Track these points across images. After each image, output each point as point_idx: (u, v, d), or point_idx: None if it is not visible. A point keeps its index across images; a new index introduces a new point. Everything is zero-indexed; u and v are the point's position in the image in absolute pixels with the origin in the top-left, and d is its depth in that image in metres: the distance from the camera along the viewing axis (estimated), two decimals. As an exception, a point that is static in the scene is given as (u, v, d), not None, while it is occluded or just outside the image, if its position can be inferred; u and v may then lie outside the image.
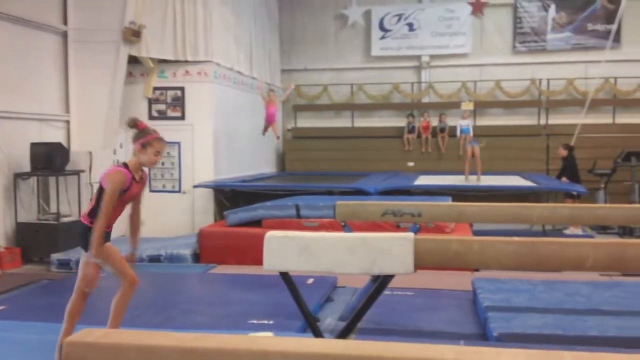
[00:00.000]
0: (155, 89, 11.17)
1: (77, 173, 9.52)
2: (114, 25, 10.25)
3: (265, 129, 11.45)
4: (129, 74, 10.87)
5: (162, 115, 11.20)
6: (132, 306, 5.45)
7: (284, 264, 3.92)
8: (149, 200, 11.18)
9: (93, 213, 4.08)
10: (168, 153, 11.21)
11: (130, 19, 10.22)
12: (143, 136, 4.07)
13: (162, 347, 1.85)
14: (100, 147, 10.13)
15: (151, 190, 11.26)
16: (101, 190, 4.04)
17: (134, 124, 4.10)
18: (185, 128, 11.15)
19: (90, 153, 9.81)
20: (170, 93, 11.19)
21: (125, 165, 4.13)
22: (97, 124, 10.19)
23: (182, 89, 11.16)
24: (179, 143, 11.14)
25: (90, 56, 10.19)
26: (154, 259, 8.54)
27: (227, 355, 1.78)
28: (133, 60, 10.71)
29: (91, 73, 10.21)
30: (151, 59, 10.82)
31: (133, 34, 10.22)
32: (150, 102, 11.22)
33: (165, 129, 11.20)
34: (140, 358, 1.85)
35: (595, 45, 15.08)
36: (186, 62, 11.04)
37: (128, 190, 4.06)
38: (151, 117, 11.20)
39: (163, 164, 11.21)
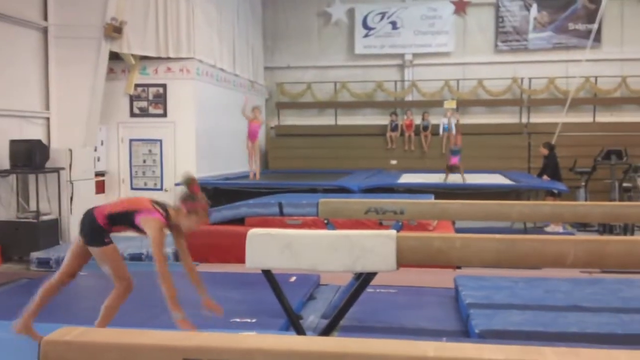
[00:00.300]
0: (137, 85, 11.09)
1: (57, 170, 9.42)
2: (95, 21, 10.14)
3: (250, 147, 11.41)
4: (110, 71, 10.78)
5: (144, 113, 11.13)
6: (113, 304, 5.42)
7: (266, 261, 3.91)
8: (130, 198, 11.15)
9: (115, 220, 3.97)
10: (149, 150, 11.15)
11: (111, 15, 10.12)
12: (192, 202, 3.92)
13: (142, 345, 1.83)
14: (80, 145, 10.03)
15: (132, 188, 11.20)
16: (130, 215, 3.93)
17: (189, 183, 3.93)
18: (167, 125, 11.08)
19: (71, 150, 9.71)
20: (152, 90, 11.11)
21: (166, 211, 3.96)
22: (77, 121, 10.09)
23: (164, 85, 11.09)
24: (160, 140, 11.08)
25: (71, 52, 10.07)
26: (135, 257, 8.46)
27: (208, 354, 1.77)
28: (114, 57, 10.61)
29: (72, 69, 10.09)
30: (133, 55, 10.73)
31: (114, 30, 10.12)
32: (132, 99, 11.13)
33: (146, 126, 11.30)
34: (119, 357, 1.83)
35: (576, 44, 15.22)
36: (168, 58, 10.97)
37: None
38: (133, 115, 11.14)
39: (144, 161, 11.15)
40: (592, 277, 6.54)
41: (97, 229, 3.95)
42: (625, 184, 11.73)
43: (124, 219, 3.93)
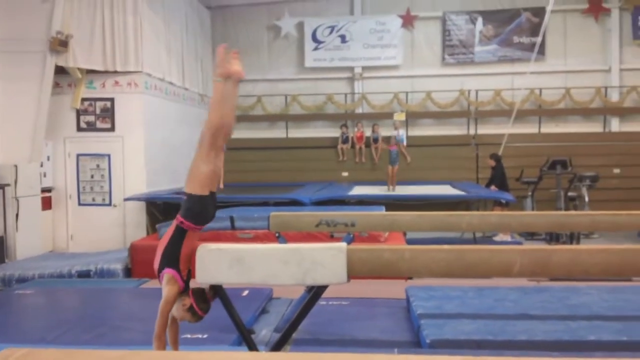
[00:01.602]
0: (84, 99, 10.87)
1: (2, 187, 9.17)
2: (40, 35, 9.94)
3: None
4: (56, 85, 10.56)
5: (91, 127, 10.91)
6: (59, 323, 5.27)
7: (216, 276, 3.86)
8: (78, 215, 10.91)
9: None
10: (97, 165, 10.93)
11: (57, 29, 9.93)
12: (199, 305, 3.67)
13: (83, 366, 1.78)
14: (26, 160, 9.78)
15: (80, 204, 10.95)
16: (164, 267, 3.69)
17: (200, 296, 3.68)
18: (116, 140, 10.90)
19: (16, 166, 9.45)
20: (100, 104, 10.91)
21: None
22: (23, 136, 9.83)
23: (111, 100, 10.90)
24: (109, 155, 10.89)
25: (16, 67, 9.83)
26: (84, 275, 8.28)
27: (152, 374, 1.73)
28: (60, 71, 10.40)
29: (17, 84, 9.84)
30: (79, 69, 10.53)
31: (60, 44, 9.93)
32: (79, 113, 10.91)
33: (94, 141, 11.11)
34: (60, 379, 1.77)
35: (521, 57, 15.63)
36: (116, 72, 10.80)
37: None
38: (80, 129, 10.91)
39: (92, 176, 10.93)
40: (539, 285, 6.67)
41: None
42: (570, 193, 12.06)
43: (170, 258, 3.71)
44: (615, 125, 15.76)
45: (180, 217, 3.68)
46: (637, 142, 15.15)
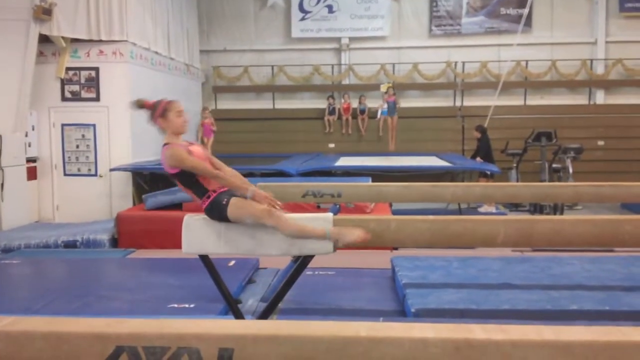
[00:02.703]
0: (68, 69, 10.73)
1: (-15, 157, 9.09)
2: (24, 3, 9.76)
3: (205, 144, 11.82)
4: (40, 54, 10.40)
5: (76, 97, 10.80)
6: (45, 293, 5.29)
7: (203, 247, 3.89)
8: (63, 185, 10.86)
9: (200, 193, 3.87)
10: (83, 135, 10.85)
11: (40, -4, 9.77)
12: (156, 109, 3.89)
13: (71, 333, 1.80)
14: (10, 130, 9.68)
15: (65, 174, 10.89)
16: (177, 175, 3.85)
17: (140, 104, 3.91)
18: (101, 110, 10.80)
19: (0, 136, 9.36)
20: (84, 73, 10.79)
21: (166, 143, 3.90)
22: (7, 106, 9.72)
23: (96, 69, 10.77)
24: (94, 125, 10.80)
25: (-2, 35, 9.70)
26: (70, 245, 8.28)
27: (139, 340, 1.75)
28: (44, 40, 10.24)
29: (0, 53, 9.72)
30: (63, 38, 10.38)
31: (44, 12, 9.76)
32: (63, 82, 10.78)
33: (79, 111, 11.01)
34: (49, 346, 1.79)
35: (508, 29, 15.60)
36: (100, 41, 10.64)
37: (191, 153, 3.85)
38: (64, 99, 10.80)
39: (78, 146, 10.85)
40: (523, 255, 6.77)
41: (214, 205, 3.87)
42: (554, 165, 12.15)
43: (192, 183, 3.88)
44: (600, 97, 15.84)
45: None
46: (621, 114, 15.26)
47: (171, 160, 3.78)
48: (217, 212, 3.79)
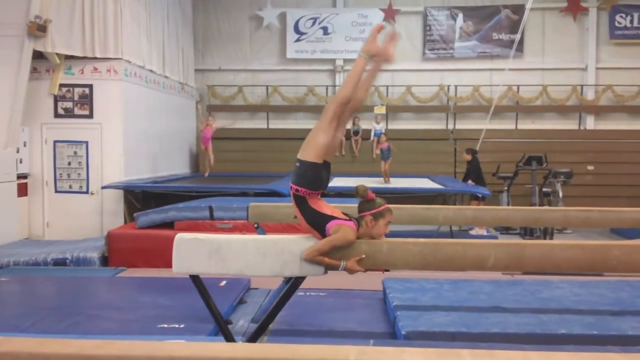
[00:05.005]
0: (62, 85, 10.75)
1: (-25, 173, 9.05)
2: (18, 19, 9.79)
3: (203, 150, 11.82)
4: (34, 70, 10.42)
5: (69, 114, 10.81)
6: (33, 311, 5.24)
7: (194, 266, 3.88)
8: (54, 202, 10.82)
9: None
10: (75, 152, 10.84)
11: (35, 13, 9.79)
12: (375, 207, 3.71)
13: (59, 355, 1.79)
14: (2, 146, 9.66)
15: (57, 191, 10.86)
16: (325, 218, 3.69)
17: (364, 194, 3.74)
18: (94, 127, 10.81)
19: (-9, 152, 9.36)
20: (78, 90, 10.81)
21: (357, 225, 3.71)
22: (-1, 121, 9.73)
23: (90, 86, 10.80)
24: (86, 142, 10.80)
25: (-8, 51, 9.71)
26: (60, 263, 8.23)
27: (130, 362, 1.75)
28: (38, 56, 10.27)
29: (-7, 68, 9.74)
30: (57, 54, 10.41)
31: (38, 29, 9.80)
32: (57, 99, 10.79)
33: (72, 128, 11.01)
34: (37, 367, 1.78)
35: (500, 54, 15.77)
36: (95, 58, 10.70)
37: None
38: (57, 115, 10.81)
39: (69, 163, 10.83)
40: (513, 278, 6.77)
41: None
42: (545, 189, 12.22)
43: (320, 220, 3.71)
44: (590, 123, 15.99)
45: (293, 185, 3.71)
46: (611, 140, 15.39)
47: (341, 236, 3.60)
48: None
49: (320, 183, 3.74)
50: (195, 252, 3.84)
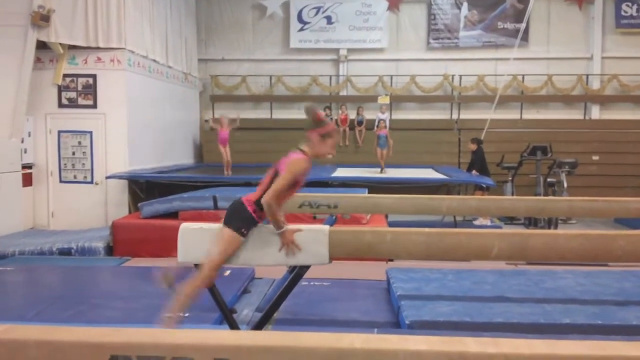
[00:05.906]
0: (66, 75, 10.75)
1: (-20, 163, 9.07)
2: (22, 8, 9.78)
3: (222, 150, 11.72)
4: (38, 60, 10.42)
5: (73, 104, 10.81)
6: (39, 300, 5.27)
7: (198, 256, 3.89)
8: (59, 192, 10.84)
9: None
10: (79, 142, 10.85)
11: (38, 3, 9.78)
12: (322, 126, 3.85)
13: (65, 342, 1.80)
14: (7, 136, 9.68)
15: (61, 181, 10.88)
16: (276, 175, 3.81)
17: (312, 111, 3.90)
18: (98, 117, 10.81)
19: (-5, 142, 9.37)
20: (81, 80, 10.80)
21: (304, 152, 3.87)
22: (3, 111, 9.72)
23: (93, 76, 10.79)
24: (90, 132, 10.80)
25: (-4, 40, 9.70)
26: (65, 252, 8.26)
27: (134, 350, 1.75)
28: (42, 46, 10.27)
29: (-4, 59, 9.75)
30: (61, 44, 10.40)
31: (42, 18, 9.79)
32: (60, 89, 10.79)
33: (76, 118, 11.01)
34: (44, 354, 1.79)
35: (505, 43, 15.68)
36: (98, 48, 10.68)
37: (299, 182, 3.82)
38: (61, 105, 10.81)
39: (74, 153, 10.85)
40: (517, 268, 6.77)
41: (247, 218, 3.80)
42: (549, 179, 12.20)
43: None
44: (595, 112, 15.92)
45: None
46: (616, 129, 15.33)
47: (292, 166, 3.76)
48: (238, 222, 3.78)
49: None
50: (200, 241, 3.85)
